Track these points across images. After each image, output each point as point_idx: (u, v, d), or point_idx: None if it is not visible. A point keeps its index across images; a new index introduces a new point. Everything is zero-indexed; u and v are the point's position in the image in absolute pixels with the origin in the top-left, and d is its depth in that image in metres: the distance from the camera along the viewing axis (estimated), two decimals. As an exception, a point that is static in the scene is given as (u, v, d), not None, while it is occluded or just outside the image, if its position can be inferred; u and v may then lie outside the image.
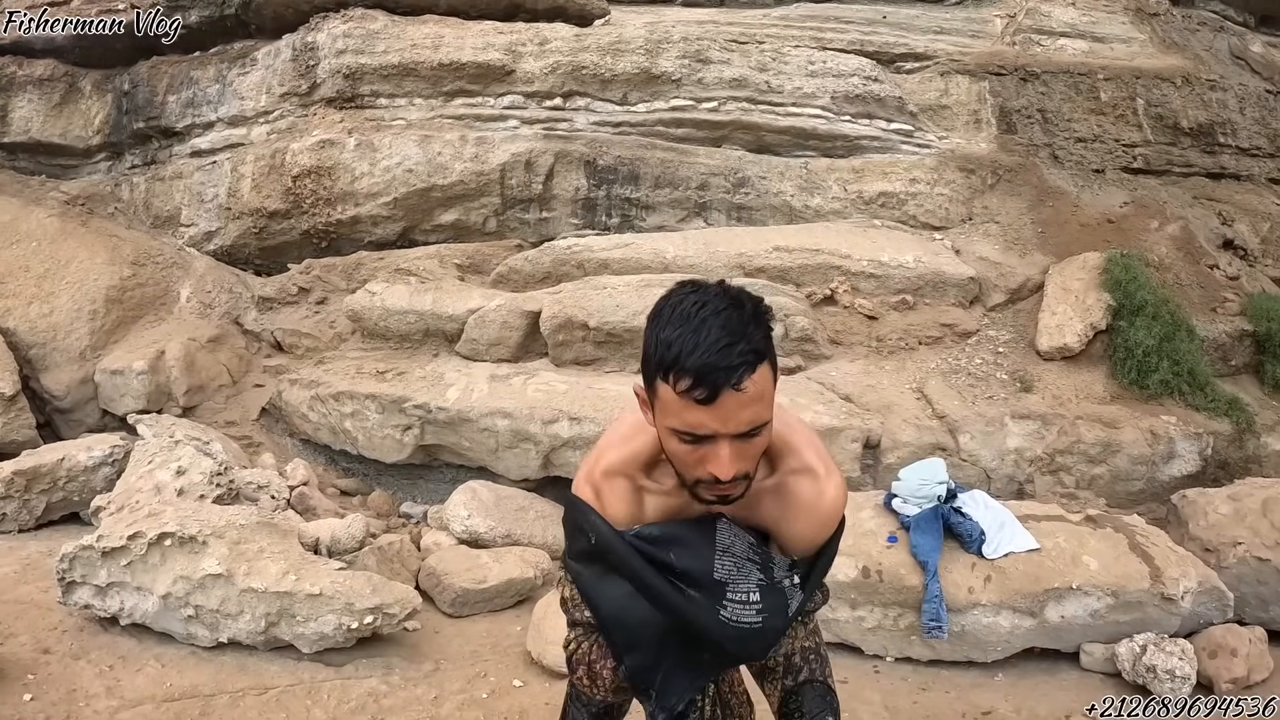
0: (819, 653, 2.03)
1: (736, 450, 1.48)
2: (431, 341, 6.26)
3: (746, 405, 1.44)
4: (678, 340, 1.44)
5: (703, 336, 1.42)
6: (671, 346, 1.44)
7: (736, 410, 1.43)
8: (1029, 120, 7.55)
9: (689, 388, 1.42)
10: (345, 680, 3.61)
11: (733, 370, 1.41)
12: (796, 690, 1.95)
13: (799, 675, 1.96)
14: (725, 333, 1.43)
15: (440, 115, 7.27)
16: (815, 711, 1.93)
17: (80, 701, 3.29)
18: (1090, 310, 5.94)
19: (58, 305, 6.51)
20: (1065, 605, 3.90)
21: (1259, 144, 7.90)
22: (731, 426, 1.45)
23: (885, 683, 3.87)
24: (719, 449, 1.47)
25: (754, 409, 1.45)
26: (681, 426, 1.48)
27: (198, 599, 3.65)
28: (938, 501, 4.21)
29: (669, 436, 1.53)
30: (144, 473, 4.67)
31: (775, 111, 7.14)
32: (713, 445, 1.48)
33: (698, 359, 1.41)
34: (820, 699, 1.95)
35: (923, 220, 7.08)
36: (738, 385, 1.42)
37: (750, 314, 1.48)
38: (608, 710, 2.00)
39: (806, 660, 1.98)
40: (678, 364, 1.43)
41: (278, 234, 7.48)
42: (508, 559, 4.59)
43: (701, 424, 1.45)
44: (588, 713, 2.01)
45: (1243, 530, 4.34)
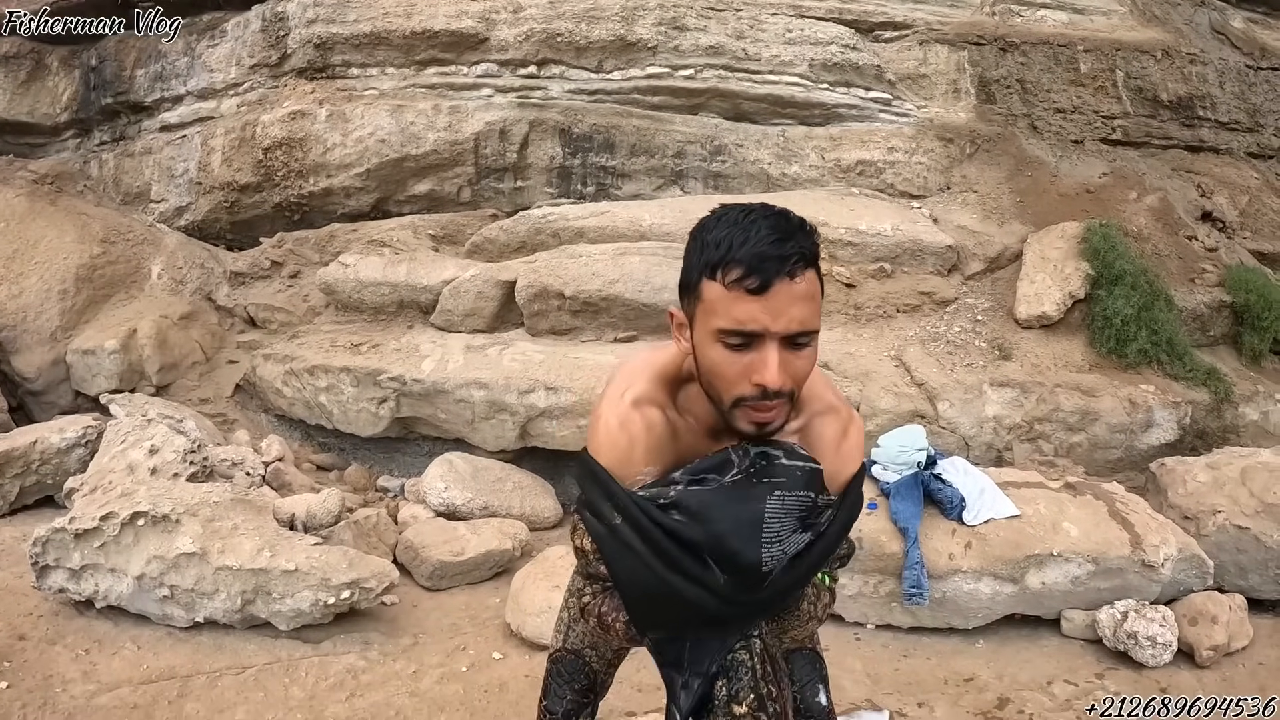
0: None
1: (784, 359, 1.40)
2: (406, 313, 6.19)
3: (798, 301, 1.38)
4: (727, 238, 1.40)
5: (753, 233, 1.39)
6: (720, 244, 1.40)
7: (789, 304, 1.37)
8: (1008, 90, 7.52)
9: (741, 276, 1.37)
10: (323, 657, 3.57)
11: (786, 259, 1.37)
12: (785, 658, 1.92)
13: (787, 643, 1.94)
14: (777, 232, 1.39)
15: (413, 84, 7.15)
16: (805, 679, 1.91)
17: (57, 687, 3.25)
18: (1069, 279, 5.94)
19: (27, 286, 6.39)
20: (1046, 572, 3.91)
21: (1238, 118, 7.92)
22: (782, 324, 1.38)
23: (866, 650, 3.87)
24: (767, 353, 1.39)
25: (806, 307, 1.40)
26: (730, 324, 1.39)
27: (172, 579, 3.59)
28: (917, 468, 4.21)
29: (712, 345, 1.43)
30: (117, 453, 4.58)
31: (753, 79, 7.07)
32: (760, 350, 1.39)
33: (750, 249, 1.37)
34: (810, 666, 1.93)
35: (901, 189, 7.05)
36: (792, 274, 1.37)
37: (799, 222, 1.44)
38: (590, 686, 1.97)
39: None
40: (729, 255, 1.38)
41: (249, 208, 7.37)
42: (486, 531, 4.56)
43: (752, 317, 1.37)
44: (570, 688, 1.97)
45: (1222, 499, 4.37)
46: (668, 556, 1.48)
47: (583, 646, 1.96)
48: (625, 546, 1.52)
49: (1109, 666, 3.77)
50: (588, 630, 1.94)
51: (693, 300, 1.47)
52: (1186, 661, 3.80)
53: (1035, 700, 3.52)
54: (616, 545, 1.55)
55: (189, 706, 3.20)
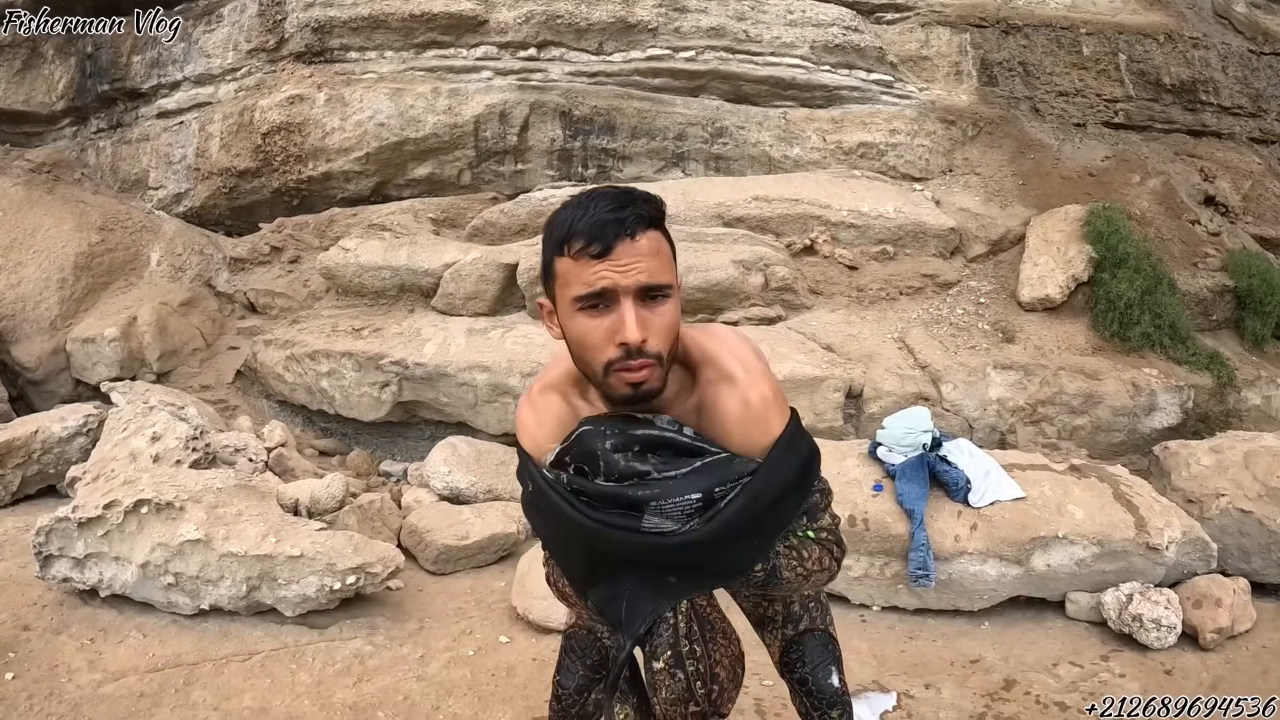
0: (819, 600, 2.01)
1: (641, 316, 1.45)
2: (407, 297, 6.17)
3: (644, 256, 1.44)
4: (569, 216, 1.48)
5: (592, 207, 1.46)
6: (564, 223, 1.47)
7: (633, 260, 1.43)
8: (1010, 73, 7.48)
9: (585, 244, 1.44)
10: (330, 642, 3.57)
11: (622, 223, 1.44)
12: (798, 639, 1.94)
13: (799, 624, 1.95)
14: (614, 202, 1.46)
15: (412, 68, 7.11)
16: (817, 661, 1.92)
17: (63, 677, 3.24)
18: (1072, 262, 5.92)
19: (25, 275, 6.37)
20: (1051, 554, 3.91)
21: (1241, 103, 7.89)
22: (631, 278, 1.43)
23: (873, 631, 3.87)
24: (624, 311, 1.44)
25: (652, 261, 1.45)
26: (582, 289, 1.45)
27: (177, 566, 3.58)
28: (923, 450, 4.20)
29: (573, 317, 1.49)
30: (118, 441, 4.58)
31: (754, 61, 7.03)
32: (616, 310, 1.45)
33: (589, 219, 1.44)
34: (822, 648, 1.94)
35: (903, 171, 7.02)
36: (632, 234, 1.44)
37: (641, 195, 1.51)
38: (602, 662, 1.98)
39: (806, 609, 1.97)
40: (572, 229, 1.45)
41: (248, 193, 7.33)
42: (490, 514, 4.55)
43: (600, 275, 1.43)
44: (582, 664, 1.99)
45: (1225, 482, 4.36)
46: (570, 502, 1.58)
47: (595, 623, 1.98)
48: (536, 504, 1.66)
49: (1114, 649, 3.77)
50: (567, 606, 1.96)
51: (550, 281, 1.53)
52: (1190, 644, 3.80)
53: (1041, 682, 3.52)
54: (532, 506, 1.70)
55: (196, 694, 3.20)
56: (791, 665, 1.94)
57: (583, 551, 1.64)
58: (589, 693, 2.00)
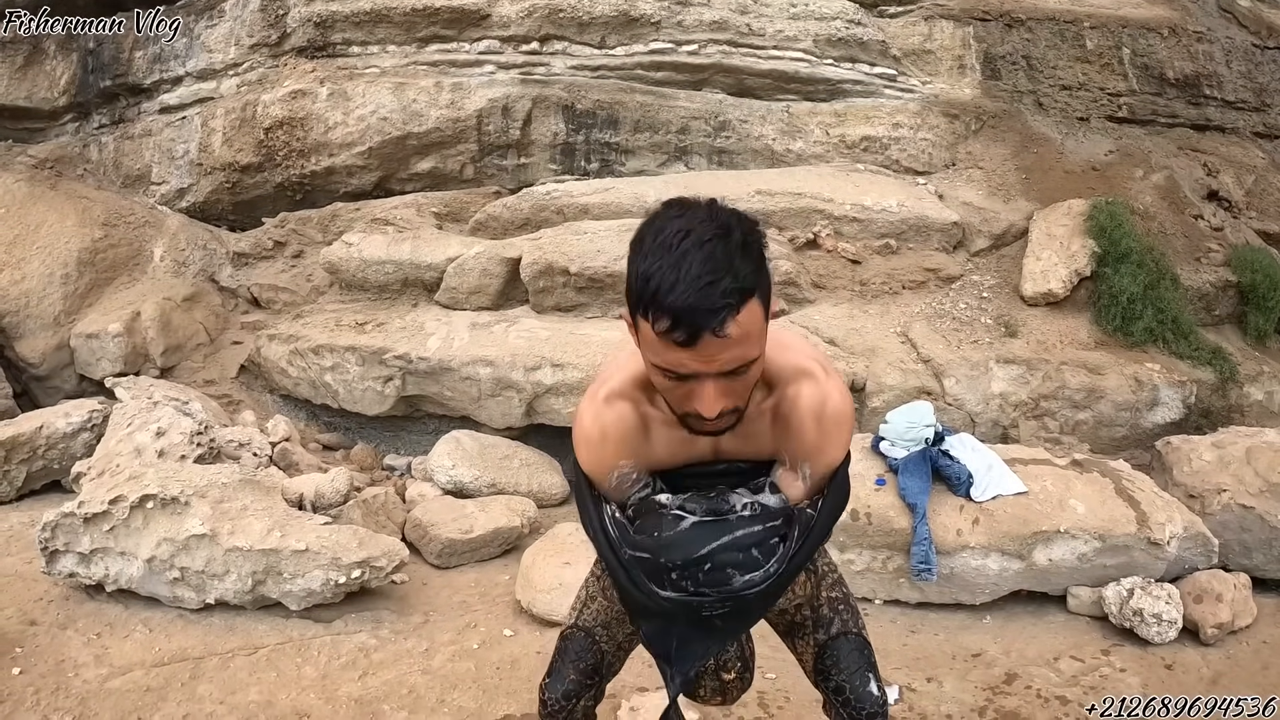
0: (849, 603, 1.95)
1: (722, 388, 1.40)
2: (410, 291, 6.19)
3: (729, 347, 1.34)
4: (657, 274, 1.32)
5: (683, 272, 1.30)
6: (650, 281, 1.32)
7: (719, 352, 1.34)
8: (1014, 67, 7.47)
9: (667, 329, 1.32)
10: (335, 636, 3.59)
11: (714, 314, 1.30)
12: (830, 644, 1.87)
13: (830, 628, 1.89)
14: (708, 268, 1.30)
15: (415, 62, 7.10)
16: (854, 667, 1.84)
17: (69, 672, 3.26)
18: (1075, 257, 5.92)
19: (29, 271, 6.37)
20: (1053, 548, 3.92)
21: (1244, 97, 7.87)
22: (715, 366, 1.37)
23: (875, 625, 3.86)
24: (703, 387, 1.39)
25: (739, 349, 1.36)
26: (663, 364, 1.39)
27: (183, 561, 3.60)
28: (925, 444, 4.21)
29: (653, 370, 1.45)
30: (123, 436, 4.59)
31: (757, 54, 7.01)
32: (697, 382, 1.40)
33: (676, 298, 1.30)
34: (857, 653, 1.86)
35: (906, 165, 7.01)
36: (719, 331, 1.32)
37: (738, 244, 1.35)
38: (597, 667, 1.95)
39: (836, 611, 1.91)
40: (656, 303, 1.32)
41: (251, 188, 7.33)
42: (494, 508, 4.57)
43: (682, 364, 1.37)
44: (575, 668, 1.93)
45: (1227, 478, 4.37)
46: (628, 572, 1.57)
47: (594, 625, 1.95)
48: (591, 531, 1.66)
49: (1115, 643, 3.79)
50: (602, 608, 1.94)
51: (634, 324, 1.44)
52: (1191, 639, 3.81)
53: (1042, 676, 3.54)
54: (597, 547, 1.67)
55: (202, 688, 3.22)
56: (826, 673, 1.86)
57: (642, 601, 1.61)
58: (578, 699, 1.91)
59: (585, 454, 1.65)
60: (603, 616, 1.94)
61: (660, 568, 1.50)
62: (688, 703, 3.08)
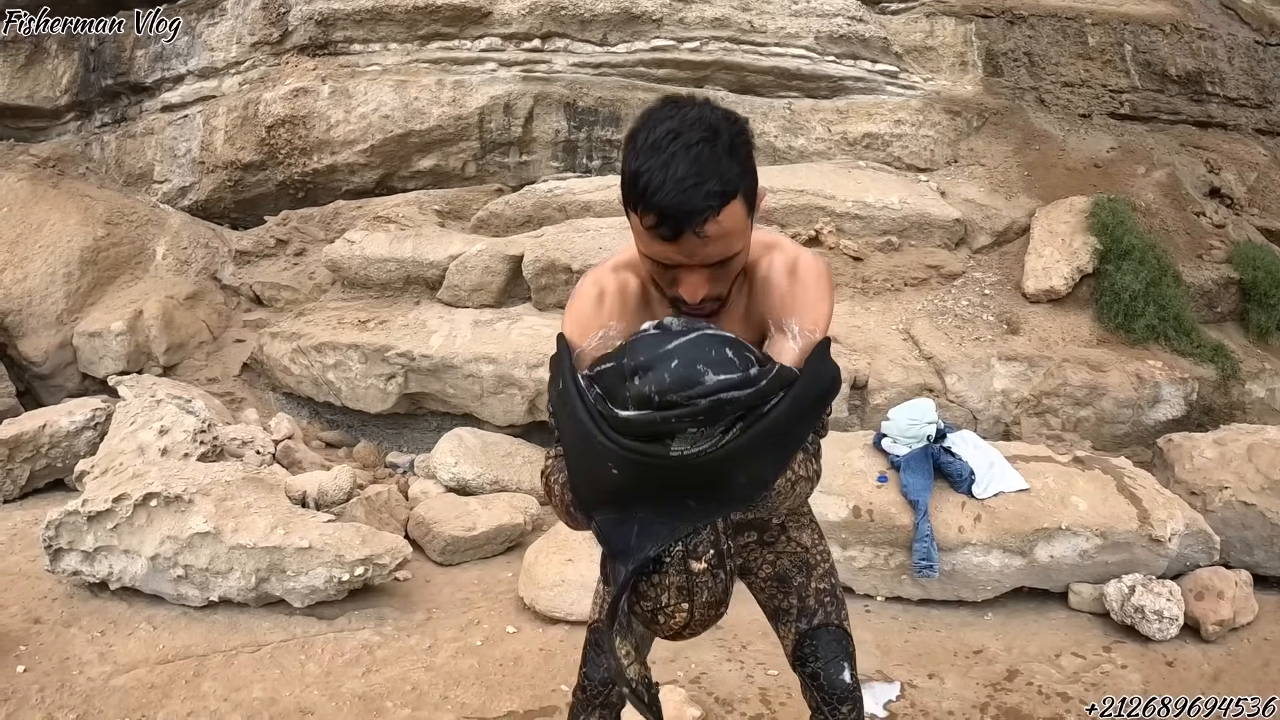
0: (835, 595, 1.99)
1: (705, 276, 1.49)
2: (413, 289, 6.19)
3: (711, 243, 1.43)
4: (645, 174, 1.40)
5: (669, 174, 1.38)
6: (639, 179, 1.41)
7: (701, 247, 1.44)
8: (1015, 63, 7.47)
9: (653, 225, 1.42)
10: (338, 633, 3.60)
11: (696, 214, 1.39)
12: (811, 634, 1.93)
13: (814, 619, 1.93)
14: (693, 171, 1.38)
15: (416, 60, 7.11)
16: (830, 656, 1.90)
17: (74, 670, 3.27)
18: (1077, 254, 5.92)
19: (31, 270, 6.38)
20: (1054, 545, 3.92)
21: (1247, 94, 7.86)
22: (697, 260, 1.46)
23: (877, 622, 3.89)
24: (688, 275, 1.49)
25: (720, 245, 1.45)
26: (650, 254, 1.49)
27: (186, 558, 3.61)
28: (927, 441, 4.21)
29: (644, 258, 1.54)
30: (126, 434, 4.61)
31: (758, 52, 7.02)
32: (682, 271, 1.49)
33: (662, 198, 1.38)
34: (836, 643, 1.92)
35: (908, 162, 7.02)
36: (699, 231, 1.40)
37: (725, 147, 1.42)
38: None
39: (822, 604, 1.95)
40: (643, 201, 1.41)
41: (253, 186, 7.34)
42: (496, 505, 4.58)
43: (667, 256, 1.46)
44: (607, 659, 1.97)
45: (1228, 475, 4.37)
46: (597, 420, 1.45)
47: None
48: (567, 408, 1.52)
49: (1116, 640, 3.79)
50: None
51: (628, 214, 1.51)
52: (1192, 636, 3.81)
53: (1044, 672, 3.54)
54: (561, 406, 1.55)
55: (206, 685, 3.23)
56: (804, 660, 1.93)
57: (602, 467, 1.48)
58: (614, 685, 1.99)
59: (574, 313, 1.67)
60: None
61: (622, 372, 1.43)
62: (687, 697, 3.10)
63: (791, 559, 1.97)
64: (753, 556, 1.95)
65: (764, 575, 1.95)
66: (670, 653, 3.53)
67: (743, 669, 3.42)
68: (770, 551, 1.95)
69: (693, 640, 3.58)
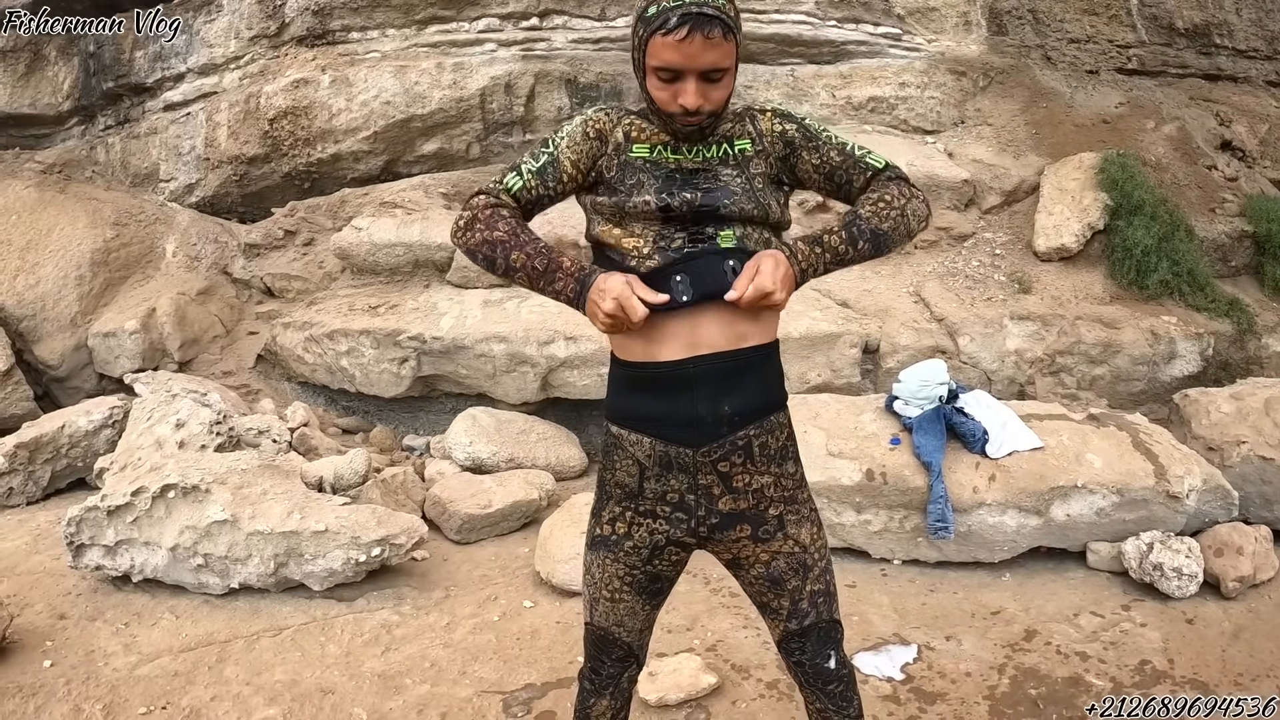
0: (828, 592, 1.93)
1: (702, 88, 1.76)
2: (422, 272, 6.21)
3: (711, 50, 1.73)
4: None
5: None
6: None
7: (703, 52, 1.72)
8: (1020, 21, 7.36)
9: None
10: (358, 614, 3.63)
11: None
12: (801, 633, 1.90)
13: (804, 620, 1.90)
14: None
15: (415, 44, 7.08)
16: (816, 650, 1.91)
17: (99, 661, 3.31)
18: (1087, 210, 5.86)
19: (43, 275, 6.43)
20: (1071, 504, 3.90)
21: (1256, 46, 7.73)
22: (698, 64, 1.74)
23: (893, 585, 3.89)
24: (688, 83, 1.75)
25: (717, 54, 1.74)
26: (659, 64, 1.76)
27: (206, 547, 3.64)
28: (939, 402, 4.18)
29: (650, 80, 1.80)
30: (144, 429, 4.65)
31: (759, 19, 6.94)
32: (683, 82, 1.76)
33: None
34: (824, 639, 1.92)
35: (914, 124, 6.95)
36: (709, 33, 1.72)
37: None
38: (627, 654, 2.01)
39: (814, 605, 1.90)
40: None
41: (259, 179, 7.36)
42: (512, 482, 4.60)
43: (673, 61, 1.74)
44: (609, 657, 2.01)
45: (1246, 429, 4.31)
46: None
47: (609, 625, 1.98)
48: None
49: (1135, 598, 3.77)
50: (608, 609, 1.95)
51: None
52: (1212, 593, 3.78)
53: (1062, 632, 3.53)
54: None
55: (229, 670, 3.27)
56: (790, 651, 1.93)
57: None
58: (619, 678, 2.04)
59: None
60: (613, 616, 1.97)
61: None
62: (703, 665, 3.11)
63: (788, 560, 1.87)
64: (745, 552, 1.87)
65: (755, 574, 1.89)
66: (686, 620, 3.55)
67: (759, 635, 3.42)
68: (765, 550, 1.86)
69: (708, 608, 3.60)
